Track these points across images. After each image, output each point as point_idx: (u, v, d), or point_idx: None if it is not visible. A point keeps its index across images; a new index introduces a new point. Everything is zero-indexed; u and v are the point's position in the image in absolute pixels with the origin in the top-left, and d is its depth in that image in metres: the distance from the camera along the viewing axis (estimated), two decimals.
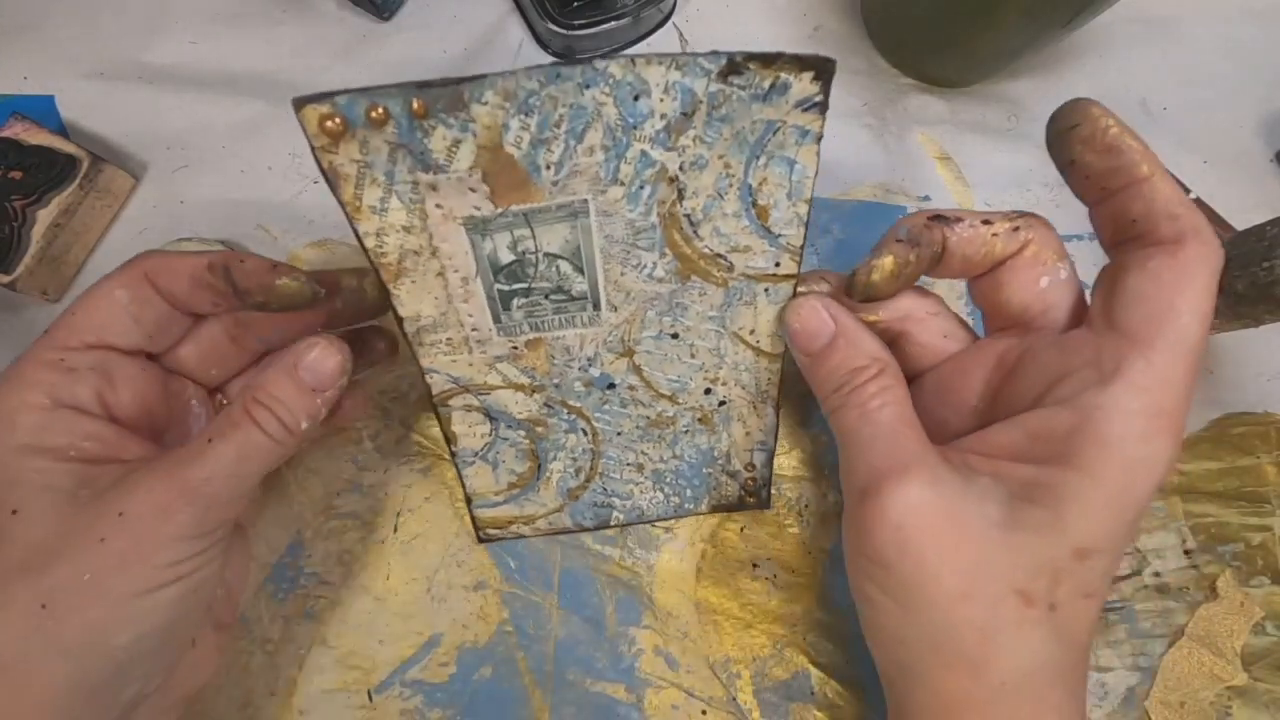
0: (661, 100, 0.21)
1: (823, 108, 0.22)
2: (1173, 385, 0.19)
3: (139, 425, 0.23)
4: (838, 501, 0.34)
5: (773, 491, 0.34)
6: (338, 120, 0.20)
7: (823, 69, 0.21)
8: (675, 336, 0.27)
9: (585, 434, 0.28)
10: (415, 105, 0.20)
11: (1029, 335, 0.23)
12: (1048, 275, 0.23)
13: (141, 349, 0.23)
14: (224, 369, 0.26)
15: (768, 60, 0.20)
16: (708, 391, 0.28)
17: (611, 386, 0.28)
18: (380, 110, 0.20)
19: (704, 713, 0.31)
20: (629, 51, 0.22)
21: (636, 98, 0.21)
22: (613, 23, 0.37)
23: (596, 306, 0.25)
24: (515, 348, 0.26)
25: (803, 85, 0.21)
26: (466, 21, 0.40)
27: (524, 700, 0.31)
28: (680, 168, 0.22)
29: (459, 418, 0.27)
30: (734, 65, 0.20)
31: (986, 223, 0.23)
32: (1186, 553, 0.34)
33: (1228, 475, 0.35)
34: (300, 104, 0.20)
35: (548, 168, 0.22)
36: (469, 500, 0.30)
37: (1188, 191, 0.38)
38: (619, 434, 0.29)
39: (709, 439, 0.29)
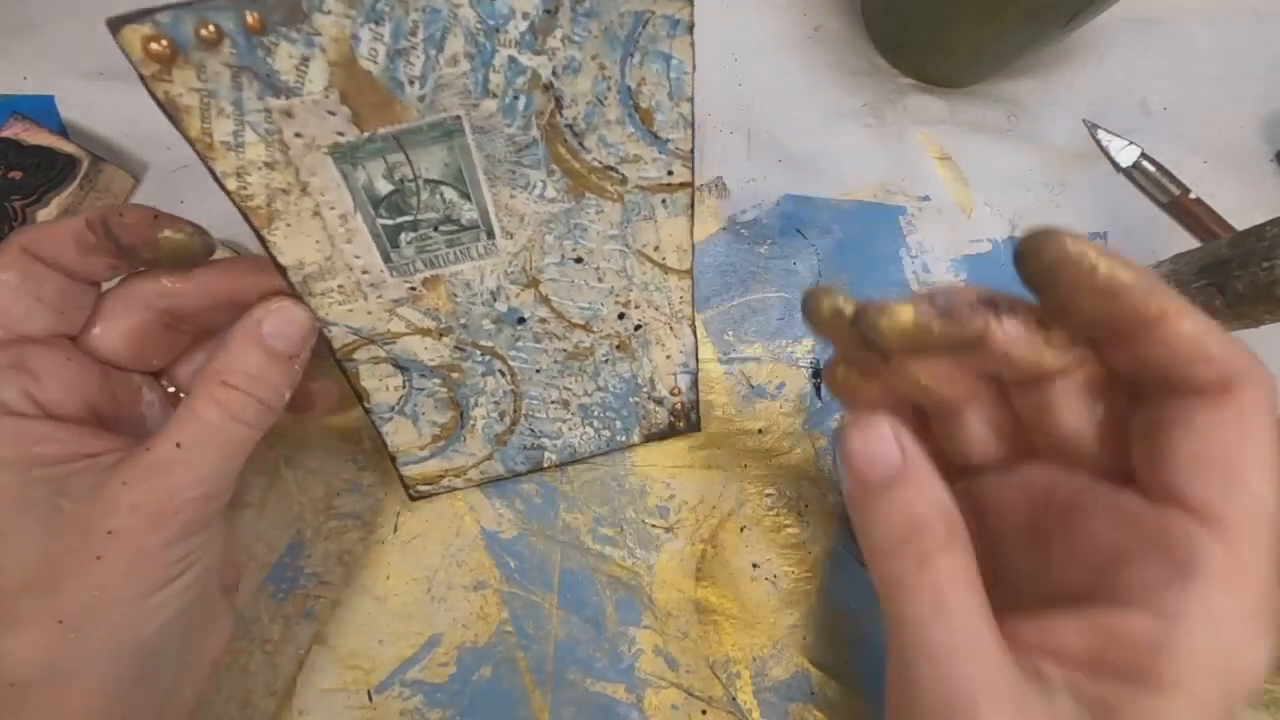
0: None
1: None
2: (1260, 574, 0.16)
3: (83, 418, 0.22)
4: (838, 502, 0.34)
5: (771, 491, 0.34)
6: (164, 42, 0.18)
7: None
8: (579, 261, 0.25)
9: (503, 375, 0.27)
10: (250, 20, 0.18)
11: (1075, 473, 0.20)
12: (1103, 405, 0.19)
13: (57, 331, 0.22)
14: (163, 356, 0.25)
15: None
16: (621, 316, 0.27)
17: (522, 321, 0.26)
18: (211, 28, 0.18)
19: (704, 713, 0.31)
20: None
21: None
22: None
23: (490, 235, 0.24)
24: (413, 288, 0.24)
25: None
26: None
27: (524, 700, 0.31)
28: (553, 73, 0.21)
29: (367, 371, 0.26)
30: None
31: (1043, 325, 0.19)
32: None
33: None
34: (117, 24, 0.17)
35: (411, 83, 0.20)
36: (394, 459, 0.28)
37: (1187, 192, 0.38)
38: (538, 371, 0.28)
39: (630, 366, 0.29)
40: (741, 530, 0.33)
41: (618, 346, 0.28)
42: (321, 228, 0.22)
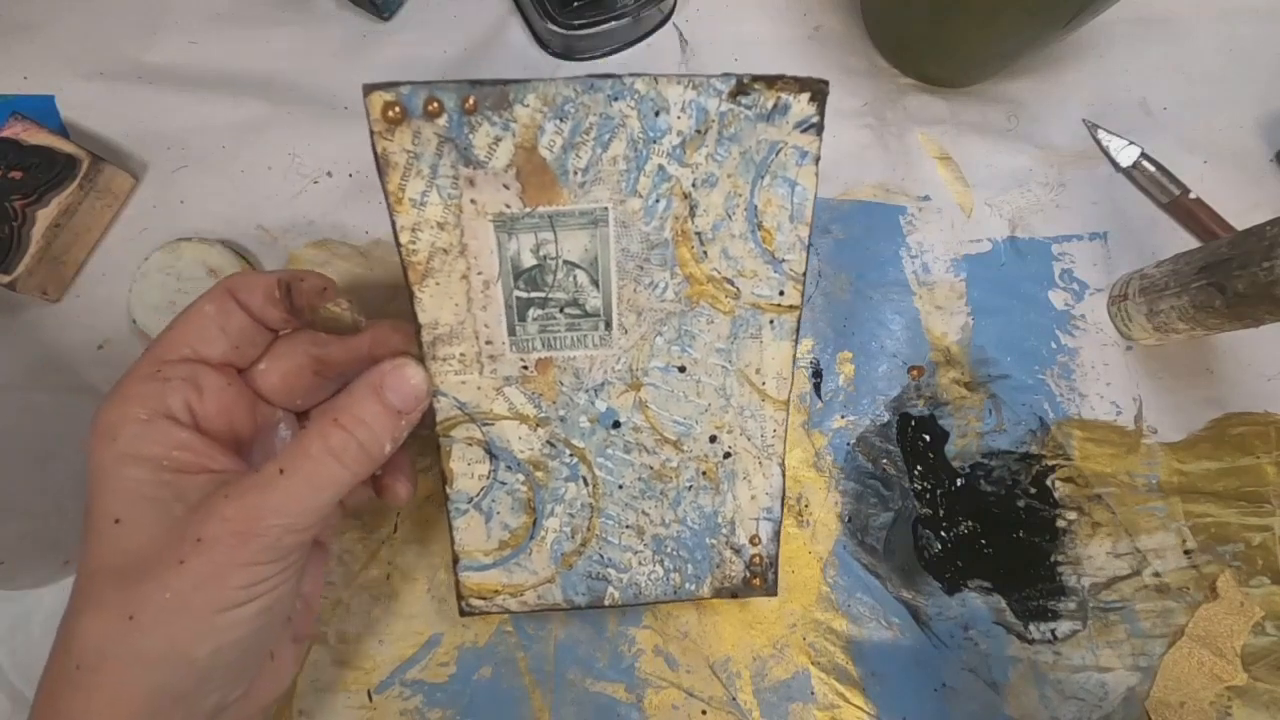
0: (679, 117, 0.23)
1: (819, 129, 0.24)
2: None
3: (224, 437, 0.24)
4: (839, 501, 0.34)
5: None
6: (398, 109, 0.22)
7: (818, 90, 0.23)
8: (682, 369, 0.27)
9: (585, 483, 0.28)
10: (468, 101, 0.22)
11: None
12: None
13: (229, 361, 0.25)
14: (308, 399, 0.27)
15: (770, 81, 0.23)
16: (713, 439, 0.28)
17: (617, 425, 0.27)
18: (436, 103, 0.22)
19: (704, 713, 0.31)
20: (653, 71, 0.23)
21: (657, 113, 0.23)
22: (613, 23, 0.37)
23: (608, 325, 0.26)
24: (526, 367, 0.26)
25: (801, 106, 0.24)
26: (466, 21, 0.40)
27: (524, 700, 0.31)
28: (693, 184, 0.24)
29: (459, 452, 0.27)
30: (742, 86, 0.23)
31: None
32: (1186, 553, 0.34)
33: (1228, 475, 0.35)
34: (369, 89, 0.21)
35: (575, 173, 0.23)
36: (455, 560, 0.28)
37: (1187, 192, 0.38)
38: (620, 486, 0.28)
39: (713, 500, 0.28)
40: None
41: (704, 473, 0.28)
42: (465, 291, 0.25)
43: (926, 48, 0.38)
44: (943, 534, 0.34)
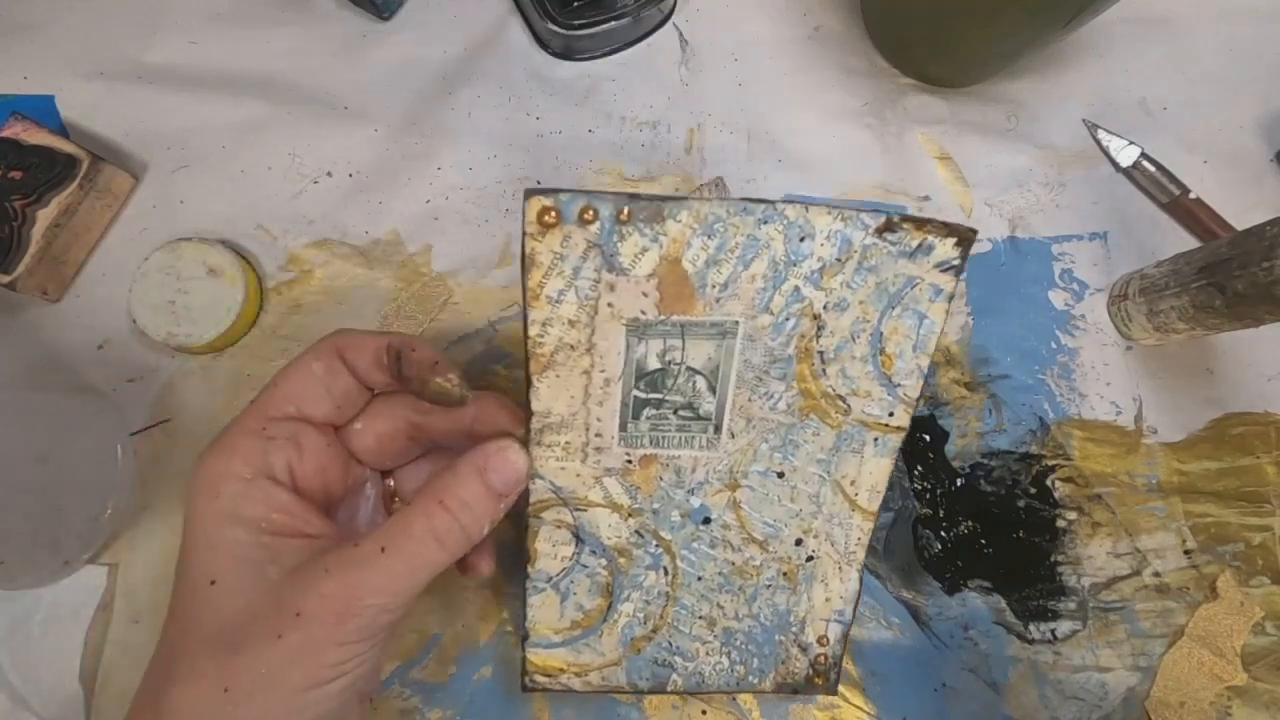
0: (823, 245, 0.24)
1: (959, 271, 0.25)
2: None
3: (317, 498, 0.24)
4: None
5: None
6: (554, 214, 0.22)
7: (965, 237, 0.24)
8: (781, 475, 0.27)
9: (666, 573, 0.28)
10: (623, 212, 0.22)
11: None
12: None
13: (329, 420, 0.25)
14: (397, 460, 0.28)
15: (920, 223, 0.24)
16: (799, 542, 0.28)
17: (707, 521, 0.27)
18: (592, 211, 0.22)
19: (704, 713, 0.31)
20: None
21: (803, 239, 0.24)
22: (613, 23, 0.37)
23: (717, 430, 0.26)
24: (629, 461, 0.26)
25: (945, 248, 0.24)
26: (466, 21, 0.40)
27: (524, 700, 0.31)
28: (824, 306, 0.25)
29: (546, 534, 0.27)
30: (890, 224, 0.24)
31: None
32: (1186, 553, 0.34)
33: (1228, 475, 0.35)
34: (529, 193, 0.22)
35: (713, 286, 0.24)
36: (524, 637, 0.28)
37: (1187, 192, 0.38)
38: (699, 579, 0.28)
39: (788, 599, 0.29)
40: None
41: (784, 574, 0.28)
42: (584, 386, 0.25)
43: (926, 48, 0.38)
44: (943, 534, 0.34)
